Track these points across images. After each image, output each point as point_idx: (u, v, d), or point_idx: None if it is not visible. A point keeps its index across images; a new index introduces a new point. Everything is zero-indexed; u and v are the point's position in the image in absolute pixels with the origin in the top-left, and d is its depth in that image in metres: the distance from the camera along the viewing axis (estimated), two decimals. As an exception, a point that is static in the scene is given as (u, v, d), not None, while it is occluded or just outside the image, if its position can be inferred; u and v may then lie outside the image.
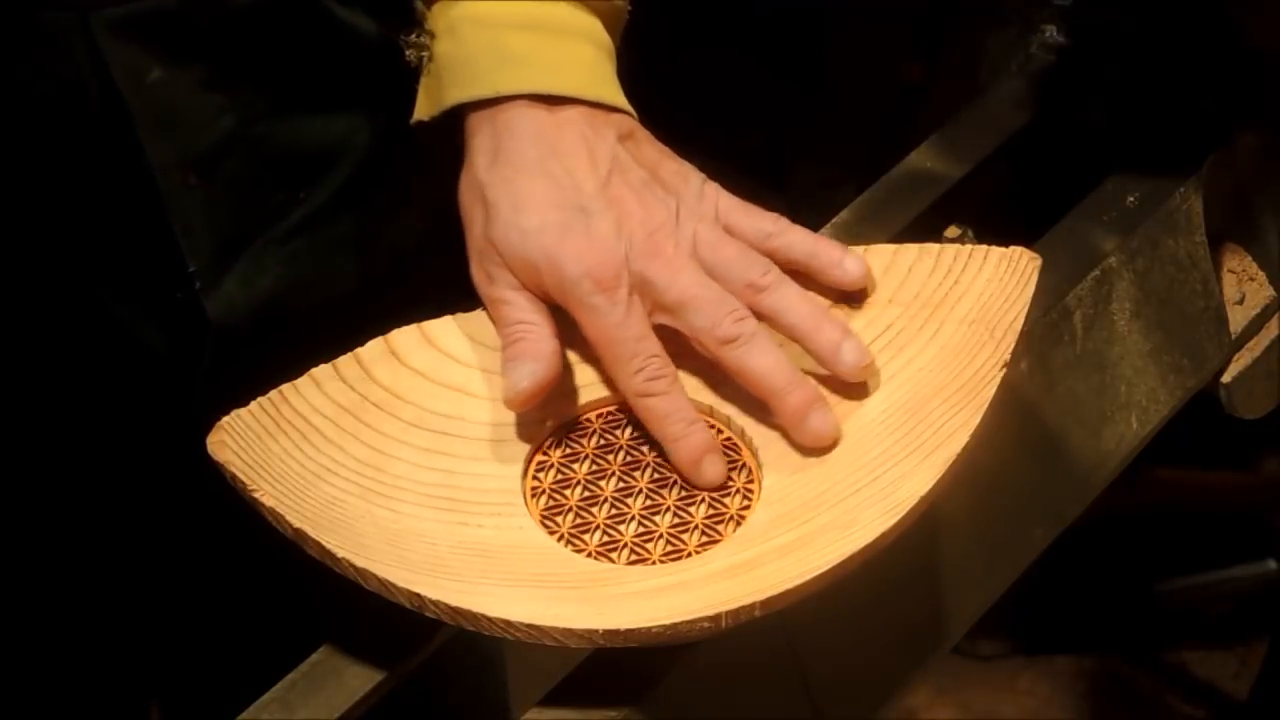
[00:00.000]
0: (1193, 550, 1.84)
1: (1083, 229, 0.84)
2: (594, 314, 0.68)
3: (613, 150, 0.71)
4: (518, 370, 0.68)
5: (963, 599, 0.77)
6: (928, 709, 1.77)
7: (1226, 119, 0.89)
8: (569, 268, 0.68)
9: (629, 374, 0.68)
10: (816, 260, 0.72)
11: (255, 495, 0.64)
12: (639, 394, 0.68)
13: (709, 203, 0.72)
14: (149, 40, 0.72)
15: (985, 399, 0.66)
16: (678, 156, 0.73)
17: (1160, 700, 1.80)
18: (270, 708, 0.65)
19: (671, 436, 0.68)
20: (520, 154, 0.70)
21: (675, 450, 0.68)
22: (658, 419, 0.68)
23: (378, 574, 0.61)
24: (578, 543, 0.66)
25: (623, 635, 0.60)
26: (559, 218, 0.68)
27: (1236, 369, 0.91)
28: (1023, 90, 0.92)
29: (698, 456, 0.68)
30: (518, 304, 0.70)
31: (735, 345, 0.68)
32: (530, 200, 0.69)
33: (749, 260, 0.70)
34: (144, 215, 0.75)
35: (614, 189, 0.70)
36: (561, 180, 0.69)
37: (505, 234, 0.69)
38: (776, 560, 0.63)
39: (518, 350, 0.69)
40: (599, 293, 0.67)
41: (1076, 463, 0.82)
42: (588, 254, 0.68)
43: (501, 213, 0.69)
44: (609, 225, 0.68)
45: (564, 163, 0.70)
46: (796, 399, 0.68)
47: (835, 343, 0.69)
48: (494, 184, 0.70)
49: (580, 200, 0.69)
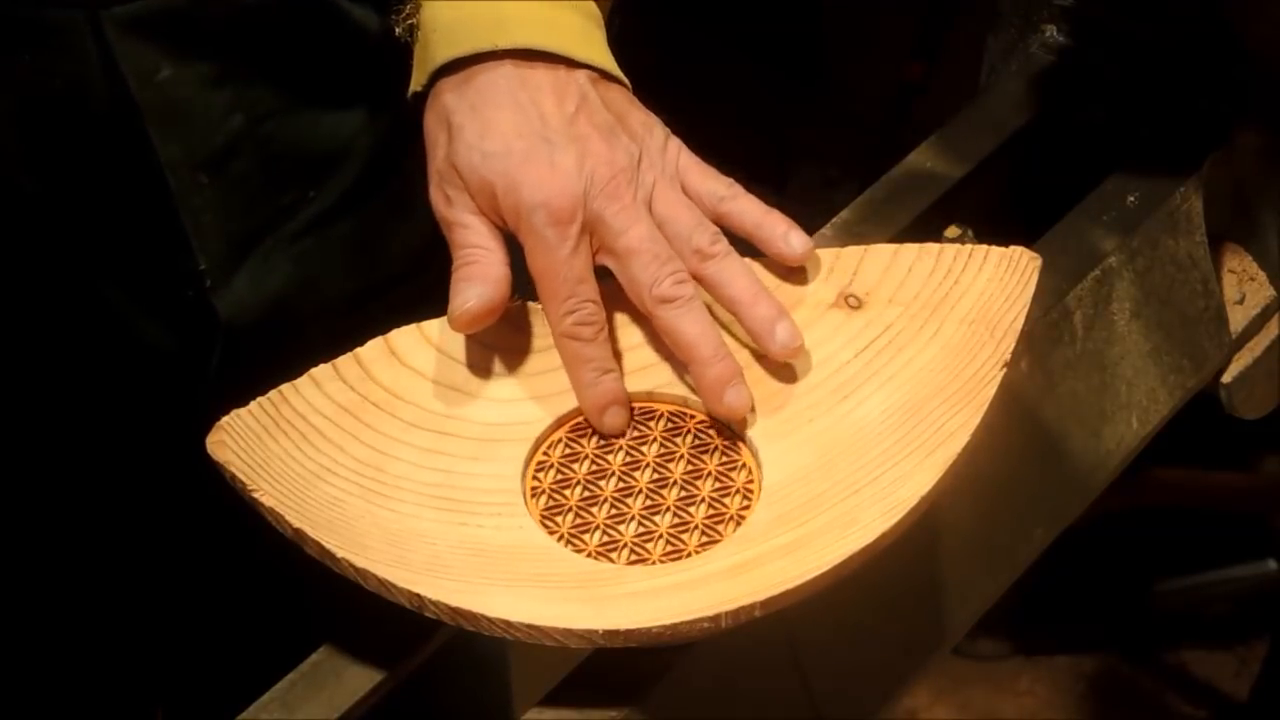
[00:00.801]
0: (1193, 550, 1.84)
1: (1083, 229, 0.84)
2: (542, 244, 0.68)
3: (582, 89, 0.70)
4: (466, 291, 0.68)
5: (963, 599, 0.77)
6: (928, 709, 1.77)
7: (1226, 119, 0.89)
8: (526, 194, 0.68)
9: (561, 312, 0.68)
10: (762, 230, 0.73)
11: (255, 495, 0.64)
12: (565, 334, 0.69)
13: (670, 157, 0.72)
14: (158, 38, 0.72)
15: (985, 399, 0.66)
16: (646, 109, 0.73)
17: (1160, 700, 1.80)
18: (270, 708, 0.65)
19: (584, 382, 0.69)
20: (490, 85, 0.70)
21: (586, 395, 0.69)
22: (577, 362, 0.69)
23: (378, 574, 0.61)
24: (578, 543, 0.66)
25: (623, 635, 0.60)
26: (522, 145, 0.68)
27: (1236, 369, 0.91)
28: (1023, 90, 0.92)
29: (604, 404, 0.69)
30: (473, 227, 0.69)
31: (671, 306, 0.68)
32: (495, 126, 0.69)
33: (700, 224, 0.71)
34: (154, 214, 0.75)
35: (579, 126, 0.69)
36: (528, 110, 0.69)
37: (467, 156, 0.69)
38: (776, 560, 0.63)
39: (469, 272, 0.69)
40: (552, 225, 0.67)
41: (1076, 463, 0.82)
42: (547, 184, 0.68)
43: (465, 136, 0.69)
44: (571, 159, 0.68)
45: (532, 95, 0.69)
46: (718, 370, 0.68)
47: (770, 319, 0.69)
48: (460, 109, 0.69)
49: (545, 132, 0.69)
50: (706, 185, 0.72)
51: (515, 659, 0.98)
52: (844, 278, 0.74)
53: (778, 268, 0.75)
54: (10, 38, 0.71)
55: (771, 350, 0.70)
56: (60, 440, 0.83)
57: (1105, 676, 1.81)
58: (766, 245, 0.73)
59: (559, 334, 0.69)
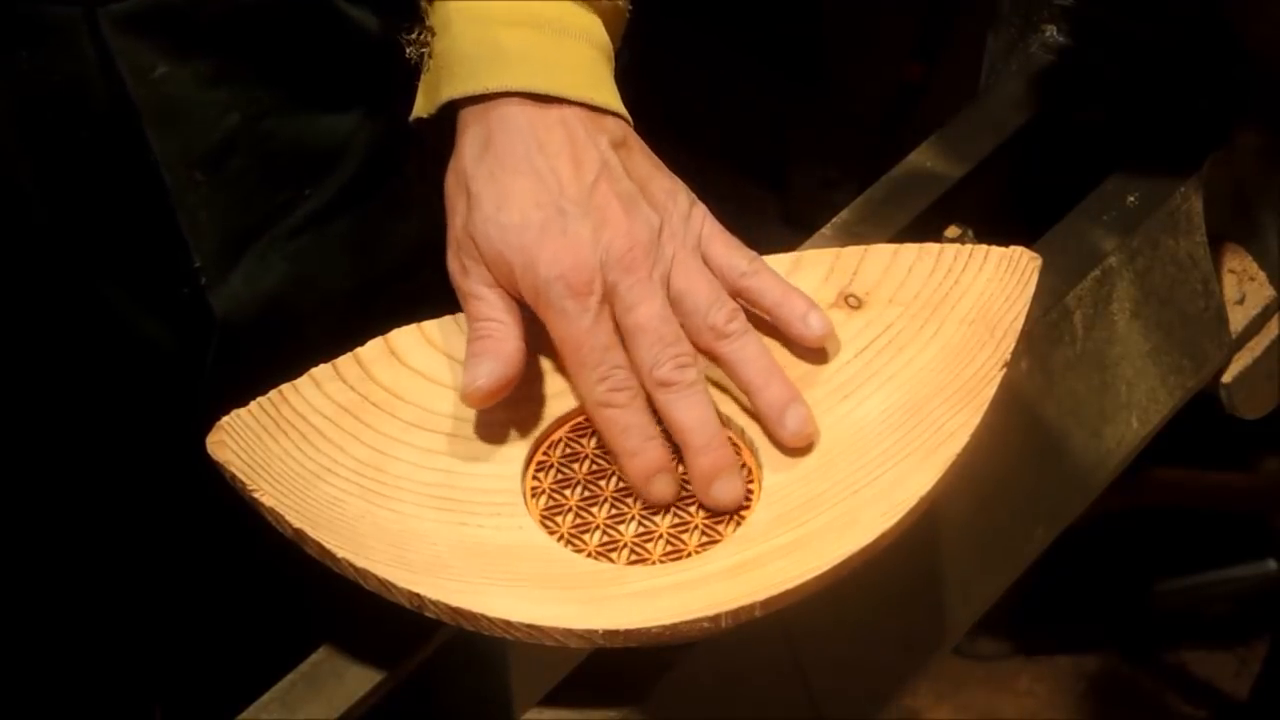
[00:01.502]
0: (1193, 550, 1.84)
1: (1083, 229, 0.84)
2: (563, 318, 0.67)
3: (603, 156, 0.70)
4: (478, 367, 0.68)
5: (963, 599, 0.77)
6: (928, 709, 1.77)
7: (1226, 119, 0.89)
8: (543, 269, 0.67)
9: (592, 382, 0.67)
10: (782, 310, 0.71)
11: (255, 495, 0.64)
12: (600, 403, 0.67)
13: (694, 227, 0.71)
14: (155, 35, 0.72)
15: (985, 399, 0.66)
16: (670, 173, 0.72)
17: (1160, 700, 1.80)
18: (270, 708, 0.65)
19: (628, 451, 0.67)
20: (509, 149, 0.69)
21: (629, 465, 0.67)
22: (617, 431, 0.67)
23: (378, 574, 0.61)
24: (578, 543, 0.66)
25: (623, 635, 0.60)
26: (539, 217, 0.68)
27: (1236, 369, 0.91)
28: (1023, 90, 0.92)
29: (651, 473, 0.67)
30: (489, 300, 0.69)
31: (670, 390, 0.67)
32: (513, 196, 0.68)
33: (719, 300, 0.70)
34: (150, 211, 0.75)
35: (599, 195, 0.69)
36: (546, 179, 0.69)
37: (484, 228, 0.68)
38: (776, 560, 0.63)
39: (482, 347, 0.68)
40: (570, 297, 0.67)
41: (1076, 463, 0.82)
42: (563, 256, 0.67)
43: (483, 206, 0.69)
44: (588, 230, 0.68)
45: (551, 161, 0.69)
46: (709, 460, 0.67)
47: (781, 404, 0.68)
48: (479, 177, 0.69)
49: (562, 202, 0.68)
50: (730, 258, 0.71)
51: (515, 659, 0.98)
52: (844, 278, 0.74)
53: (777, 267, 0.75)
54: (7, 35, 0.71)
55: (780, 436, 0.68)
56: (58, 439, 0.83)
57: (1105, 676, 1.81)
58: (786, 326, 0.71)
59: (593, 404, 0.68)
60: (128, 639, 0.94)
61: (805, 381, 0.71)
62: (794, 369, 0.71)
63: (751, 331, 0.70)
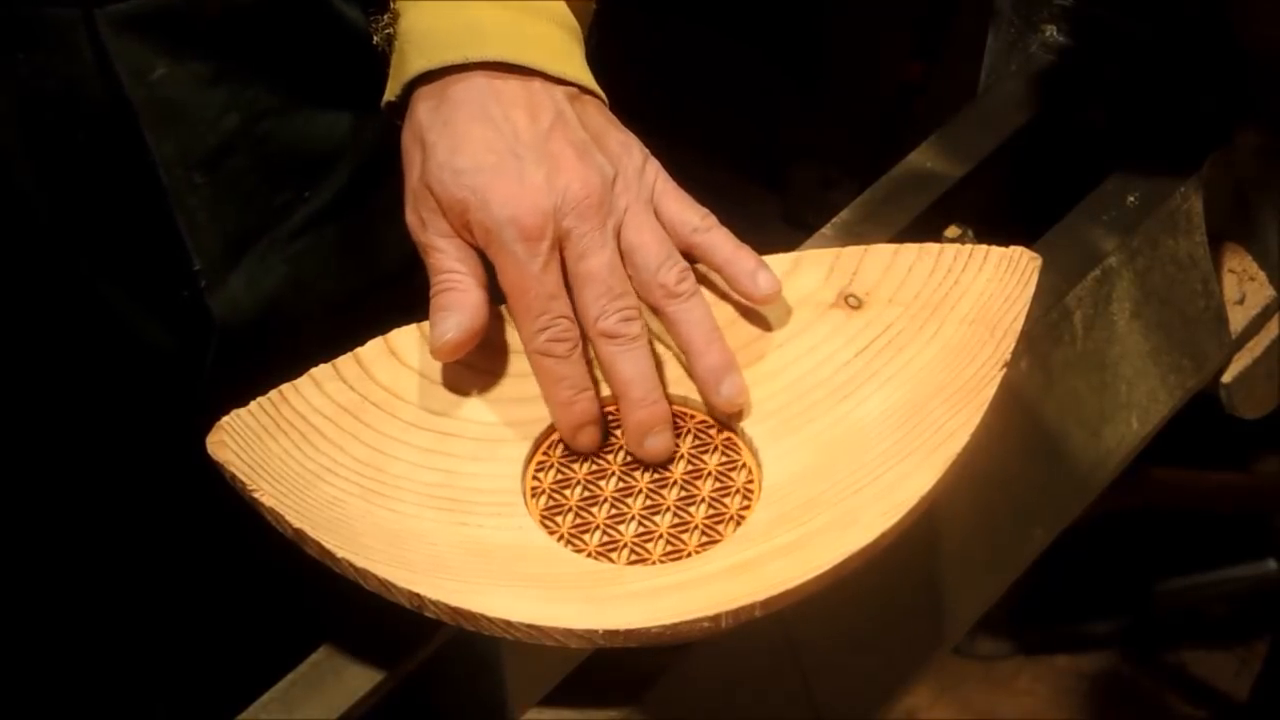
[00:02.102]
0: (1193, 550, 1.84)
1: (1083, 229, 0.84)
2: (512, 261, 0.67)
3: (558, 105, 0.70)
4: (445, 321, 0.68)
5: (963, 599, 0.77)
6: (928, 709, 1.77)
7: (1226, 119, 0.89)
8: (496, 209, 0.67)
9: (534, 329, 0.68)
10: (732, 266, 0.72)
11: (255, 495, 0.64)
12: (540, 351, 0.68)
13: (647, 181, 0.71)
14: (153, 36, 0.72)
15: (985, 399, 0.66)
16: (625, 129, 0.72)
17: (1160, 700, 1.80)
18: (270, 708, 0.65)
19: (562, 401, 0.68)
20: (464, 100, 0.69)
21: (561, 414, 0.68)
22: (553, 380, 0.68)
23: (378, 574, 0.61)
24: (578, 543, 0.66)
25: (623, 635, 0.60)
26: (493, 160, 0.68)
27: (1236, 369, 0.91)
28: (1023, 90, 0.92)
29: (581, 424, 0.68)
30: (448, 251, 0.69)
31: (614, 342, 0.68)
32: (466, 142, 0.68)
33: (670, 258, 0.70)
34: (149, 213, 0.75)
35: (554, 143, 0.69)
36: (500, 125, 0.68)
37: (439, 174, 0.68)
38: (776, 560, 0.63)
39: (446, 300, 0.68)
40: (521, 240, 0.67)
41: (1076, 463, 0.82)
42: (516, 199, 0.67)
43: (437, 154, 0.68)
44: (542, 175, 0.68)
45: (505, 110, 0.69)
46: (644, 414, 0.68)
47: (718, 369, 0.69)
48: (434, 126, 0.69)
49: (517, 147, 0.68)
50: (682, 214, 0.71)
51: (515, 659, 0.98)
52: (844, 278, 0.74)
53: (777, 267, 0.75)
54: (5, 37, 0.71)
55: (715, 401, 0.69)
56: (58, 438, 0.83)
57: (1105, 676, 1.81)
58: (734, 282, 0.72)
59: (532, 351, 0.68)
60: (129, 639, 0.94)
61: (804, 382, 0.71)
62: (794, 369, 0.71)
63: (700, 293, 0.70)
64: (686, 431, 0.71)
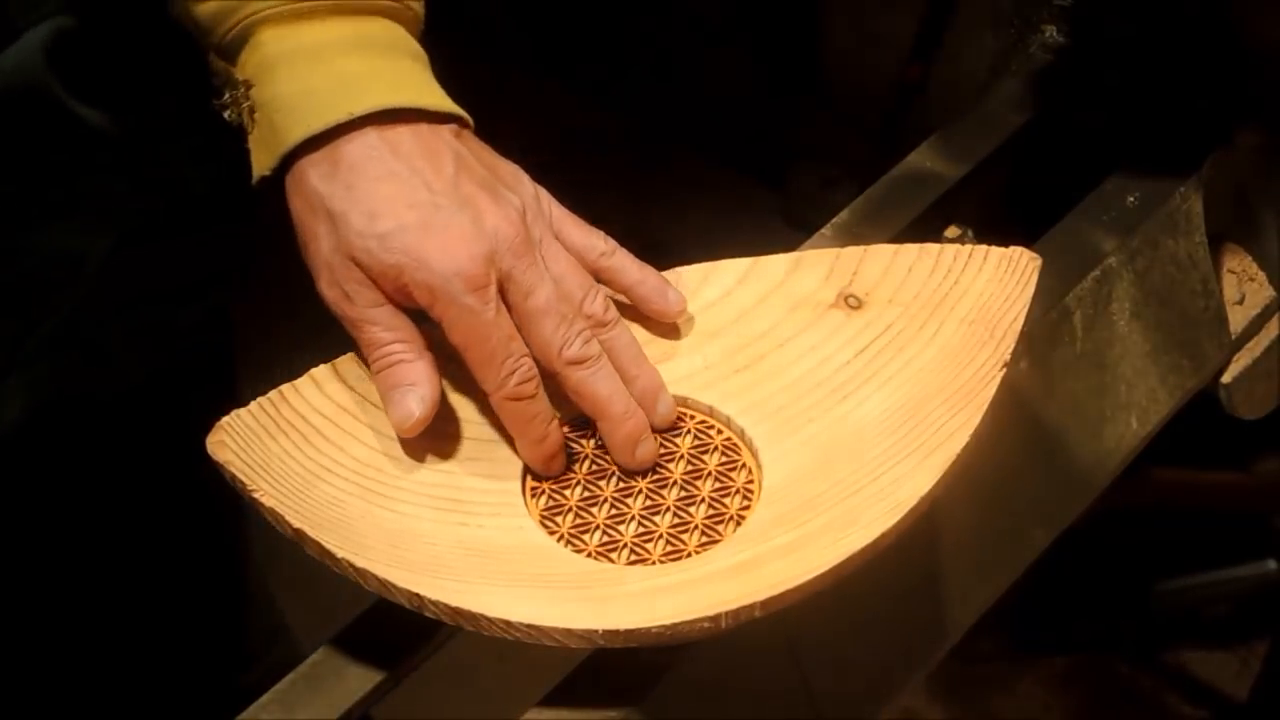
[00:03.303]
0: (1193, 550, 1.84)
1: (1083, 229, 0.84)
2: (465, 314, 0.65)
3: (453, 148, 0.68)
4: (406, 399, 0.66)
5: (963, 599, 0.77)
6: (928, 709, 1.77)
7: (1226, 119, 0.89)
8: (436, 265, 0.65)
9: (501, 375, 0.66)
10: (642, 287, 0.72)
11: (255, 495, 0.64)
12: (510, 397, 0.67)
13: (545, 209, 0.71)
14: None
15: (985, 399, 0.66)
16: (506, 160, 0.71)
17: (1160, 700, 1.80)
18: (270, 708, 0.65)
19: (536, 438, 0.67)
20: (361, 161, 0.66)
21: (535, 450, 0.68)
22: (524, 421, 0.67)
23: (378, 574, 0.61)
24: (577, 543, 0.66)
25: (623, 635, 0.60)
26: (415, 216, 0.65)
27: (1236, 369, 0.91)
28: (1023, 90, 0.92)
29: (553, 454, 0.68)
30: (382, 322, 0.67)
31: (582, 367, 0.68)
32: (380, 204, 0.66)
33: (591, 288, 0.70)
34: None
35: (464, 187, 0.67)
36: (409, 180, 0.66)
37: (362, 244, 0.65)
38: (776, 560, 0.63)
39: (397, 376, 0.67)
40: (470, 291, 0.65)
41: (1076, 463, 0.82)
42: (454, 251, 0.65)
43: (352, 222, 0.66)
44: (468, 221, 0.66)
45: (407, 163, 0.67)
46: (629, 427, 0.68)
47: (653, 391, 0.70)
48: (336, 194, 0.66)
49: (434, 198, 0.66)
50: (586, 239, 0.71)
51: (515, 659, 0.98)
52: (844, 278, 0.74)
53: (777, 267, 0.75)
54: None
55: (652, 420, 0.70)
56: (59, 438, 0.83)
57: (1105, 676, 1.81)
58: (645, 303, 0.72)
59: (501, 398, 0.67)
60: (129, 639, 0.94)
61: (805, 382, 0.71)
62: (794, 369, 0.71)
63: (623, 322, 0.71)
64: (686, 431, 0.71)
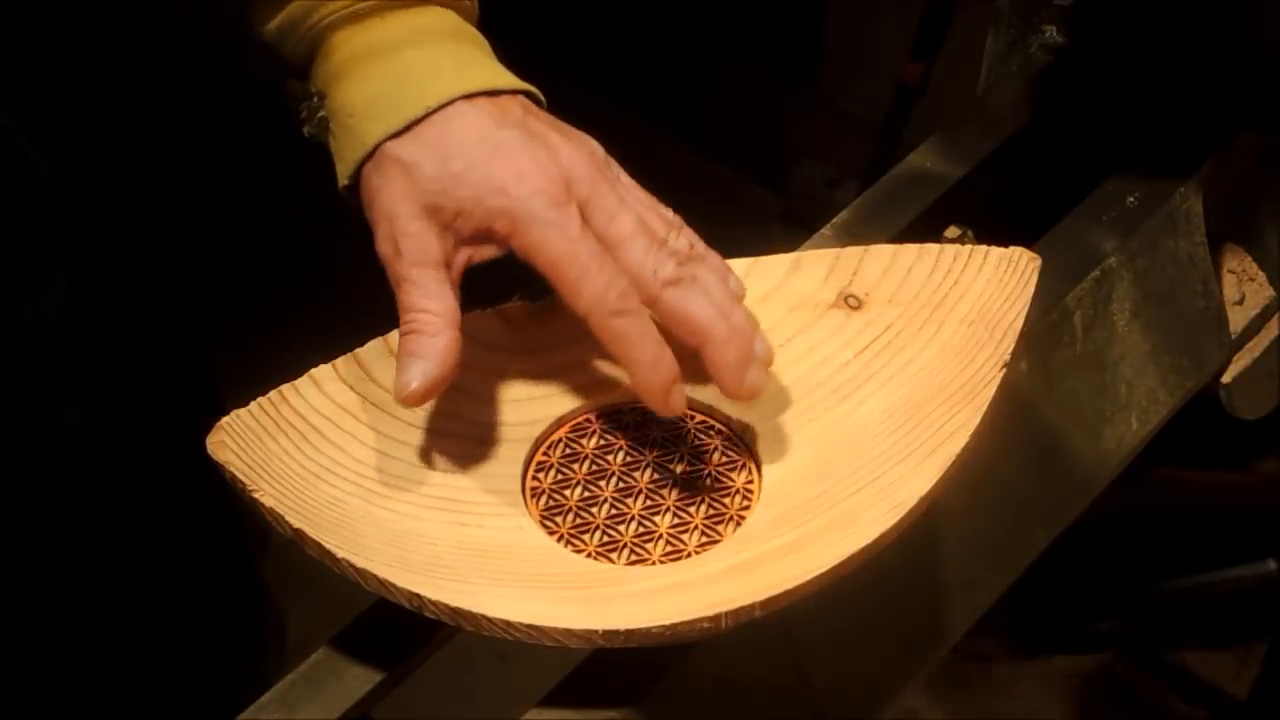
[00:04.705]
0: (1193, 550, 1.84)
1: (1083, 229, 0.84)
2: (552, 230, 0.63)
3: (521, 103, 0.67)
4: (410, 369, 0.64)
5: (963, 599, 0.77)
6: (928, 709, 1.77)
7: (1226, 119, 0.89)
8: (514, 188, 0.63)
9: (600, 291, 0.63)
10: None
11: (255, 495, 0.64)
12: (615, 311, 0.63)
13: (615, 168, 0.68)
14: None
15: (985, 399, 0.66)
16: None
17: (1160, 700, 1.80)
18: (270, 708, 0.65)
19: (647, 360, 0.64)
20: (428, 121, 0.65)
21: (648, 376, 0.64)
22: (631, 341, 0.64)
23: (378, 574, 0.62)
24: (577, 543, 0.66)
25: (623, 635, 0.60)
26: (486, 150, 0.64)
27: (1236, 369, 0.91)
28: (1023, 90, 0.92)
29: (670, 383, 0.65)
30: (421, 285, 0.65)
31: (678, 287, 0.65)
32: (451, 144, 0.64)
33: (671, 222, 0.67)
34: None
35: (534, 125, 0.66)
36: (478, 120, 0.65)
37: (437, 185, 0.64)
38: (776, 560, 0.63)
39: (412, 344, 0.65)
40: (554, 207, 0.63)
41: (1076, 463, 0.82)
42: (532, 173, 0.64)
43: (425, 168, 0.64)
44: (541, 150, 0.65)
45: (476, 112, 0.65)
46: (739, 347, 0.65)
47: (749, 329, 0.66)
48: (405, 146, 0.65)
49: (503, 131, 0.65)
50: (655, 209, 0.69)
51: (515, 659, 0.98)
52: (844, 278, 0.74)
53: (777, 267, 0.75)
54: None
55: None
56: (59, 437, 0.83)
57: (1105, 676, 1.81)
58: None
59: (605, 314, 0.63)
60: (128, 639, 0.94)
61: (805, 382, 0.71)
62: (794, 369, 0.71)
63: (711, 255, 0.68)
64: (686, 431, 0.71)
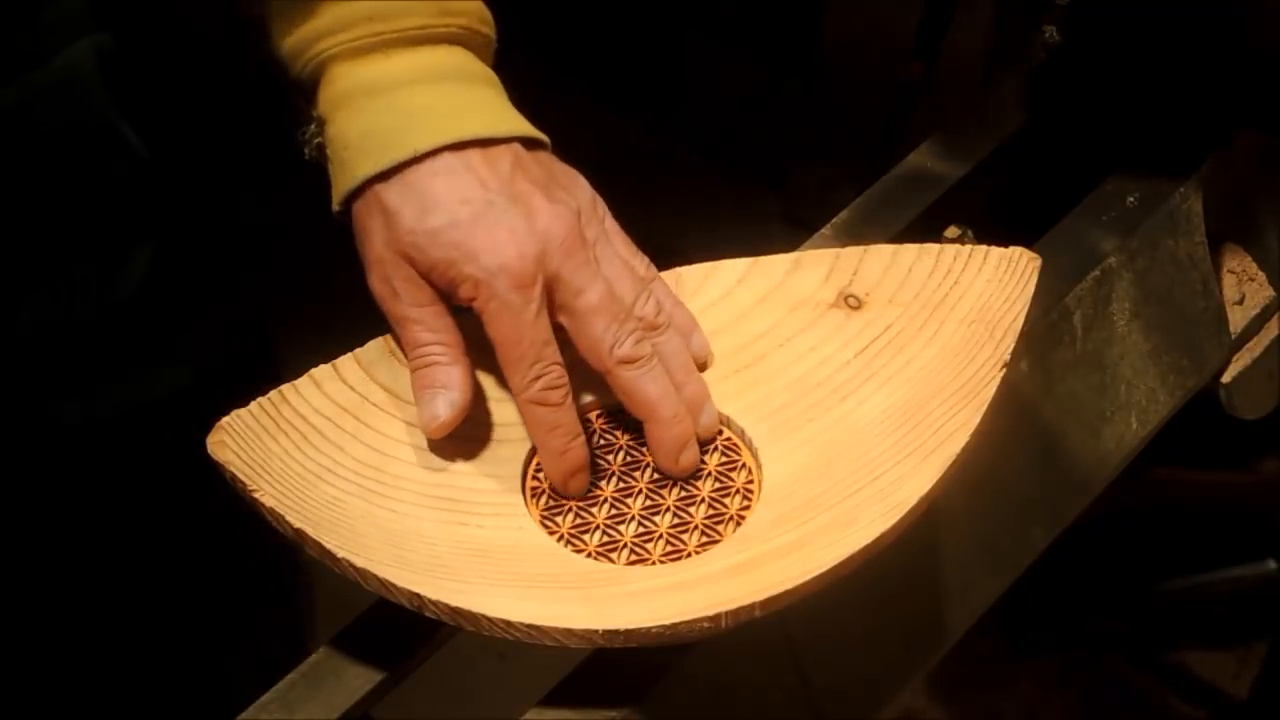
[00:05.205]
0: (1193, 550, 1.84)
1: (1083, 229, 0.84)
2: (506, 311, 0.66)
3: (511, 148, 0.69)
4: (435, 401, 0.67)
5: (963, 599, 0.77)
6: (928, 709, 1.77)
7: (1226, 119, 0.89)
8: (485, 260, 0.65)
9: (529, 378, 0.67)
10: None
11: (255, 495, 0.64)
12: (534, 400, 0.67)
13: (600, 213, 0.71)
14: None
15: (985, 399, 0.66)
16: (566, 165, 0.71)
17: (1160, 700, 1.80)
18: (270, 708, 0.65)
19: (555, 449, 0.67)
20: (417, 164, 0.67)
21: (555, 462, 0.68)
22: (546, 429, 0.67)
23: (378, 574, 0.61)
24: (577, 543, 0.66)
25: (623, 635, 0.60)
26: (468, 212, 0.66)
27: (1236, 369, 0.91)
28: (1023, 90, 0.92)
29: (574, 471, 0.68)
30: (425, 321, 0.68)
31: (634, 366, 0.68)
32: (433, 199, 0.66)
33: (640, 288, 0.70)
34: None
35: (519, 184, 0.68)
36: (464, 176, 0.67)
37: (411, 239, 0.66)
38: (776, 560, 0.63)
39: (429, 377, 0.67)
40: (515, 289, 0.66)
41: (1076, 463, 0.82)
42: (504, 247, 0.66)
43: (404, 218, 0.67)
44: (521, 220, 0.66)
45: (464, 161, 0.67)
46: (677, 431, 0.68)
47: (699, 401, 0.69)
48: (392, 192, 0.67)
49: (487, 195, 0.67)
50: (631, 259, 0.71)
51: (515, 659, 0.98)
52: (844, 278, 0.74)
53: (777, 267, 0.75)
54: None
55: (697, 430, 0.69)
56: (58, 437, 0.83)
57: (1105, 676, 1.81)
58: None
59: (525, 400, 0.67)
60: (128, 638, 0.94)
61: (805, 382, 0.71)
62: (794, 369, 0.72)
63: (674, 325, 0.71)
64: (686, 431, 0.71)
